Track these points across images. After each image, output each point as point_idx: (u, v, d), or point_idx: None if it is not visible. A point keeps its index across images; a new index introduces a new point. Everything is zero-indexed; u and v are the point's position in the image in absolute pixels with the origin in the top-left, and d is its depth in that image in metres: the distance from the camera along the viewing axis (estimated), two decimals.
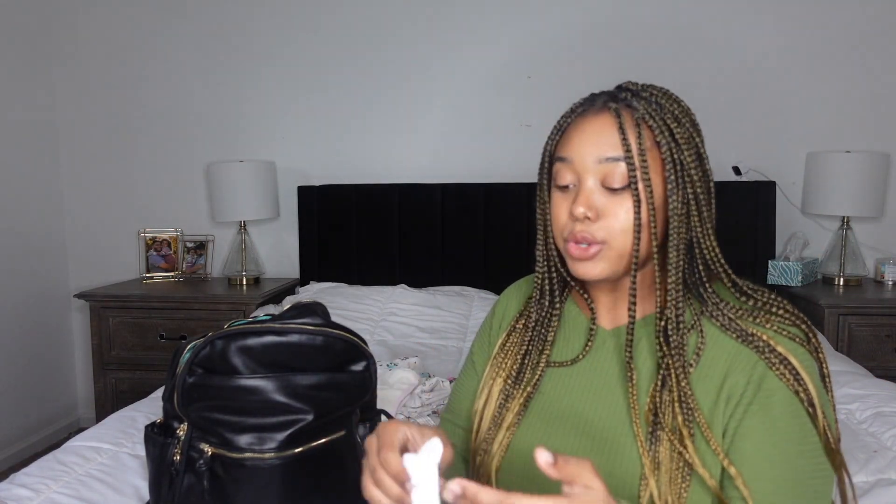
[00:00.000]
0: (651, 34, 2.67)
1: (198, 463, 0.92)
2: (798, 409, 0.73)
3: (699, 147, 0.79)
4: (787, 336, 0.76)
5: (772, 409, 0.73)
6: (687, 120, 0.79)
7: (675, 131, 0.77)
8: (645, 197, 0.75)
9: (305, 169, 2.88)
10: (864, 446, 1.34)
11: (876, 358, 2.27)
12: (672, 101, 0.79)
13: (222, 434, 0.93)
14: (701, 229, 0.78)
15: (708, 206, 0.78)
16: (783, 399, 0.73)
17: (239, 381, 0.93)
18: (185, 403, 0.94)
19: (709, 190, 0.79)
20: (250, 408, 0.93)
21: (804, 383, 0.73)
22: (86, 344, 2.95)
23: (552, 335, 0.87)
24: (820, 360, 0.78)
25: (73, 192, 3.00)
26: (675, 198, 0.76)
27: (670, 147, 0.76)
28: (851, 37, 2.61)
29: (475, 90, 2.77)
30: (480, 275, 2.65)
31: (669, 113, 0.77)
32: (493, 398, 0.87)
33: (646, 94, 0.78)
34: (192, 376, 0.94)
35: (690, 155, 0.77)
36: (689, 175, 0.77)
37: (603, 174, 0.77)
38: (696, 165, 0.77)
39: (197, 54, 2.89)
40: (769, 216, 2.57)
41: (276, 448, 0.92)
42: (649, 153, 0.76)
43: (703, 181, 0.78)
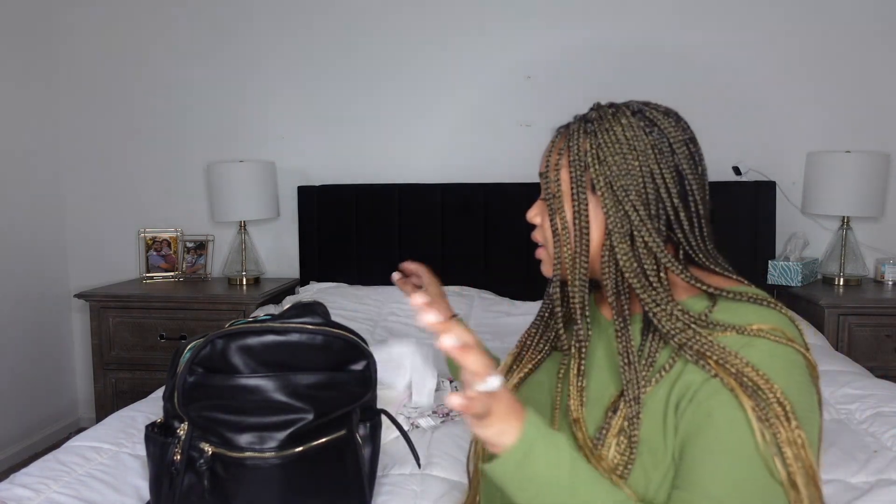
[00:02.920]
0: (651, 36, 2.67)
1: (198, 462, 0.92)
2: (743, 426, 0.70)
3: (629, 171, 0.80)
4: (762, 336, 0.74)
5: (728, 408, 0.72)
6: (617, 142, 0.81)
7: (591, 152, 0.82)
8: (556, 208, 0.84)
9: (305, 169, 2.88)
10: (864, 446, 1.34)
11: (876, 358, 2.27)
12: (616, 122, 0.82)
13: (222, 433, 0.93)
14: (626, 246, 0.80)
15: (639, 221, 0.80)
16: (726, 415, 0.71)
17: (239, 380, 0.93)
18: (186, 403, 0.95)
19: (636, 205, 0.80)
20: (250, 407, 0.93)
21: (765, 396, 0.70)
22: (86, 344, 2.95)
23: (554, 324, 0.93)
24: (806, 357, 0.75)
25: (73, 192, 3.01)
26: (580, 216, 0.82)
27: (576, 165, 0.82)
28: (851, 37, 2.61)
29: (475, 90, 2.77)
30: (480, 275, 2.65)
31: (601, 133, 0.82)
32: (507, 364, 0.97)
33: (595, 114, 0.84)
34: (193, 375, 0.94)
35: (599, 173, 0.81)
36: (601, 192, 0.81)
37: (543, 186, 0.87)
38: (606, 184, 0.80)
39: (197, 54, 2.89)
40: (769, 216, 2.57)
41: (276, 447, 0.92)
42: (563, 171, 0.84)
43: (627, 195, 0.80)
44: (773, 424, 0.69)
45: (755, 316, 0.76)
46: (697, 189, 0.83)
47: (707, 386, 0.73)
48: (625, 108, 0.84)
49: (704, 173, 0.85)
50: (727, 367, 0.72)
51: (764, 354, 0.73)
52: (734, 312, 0.77)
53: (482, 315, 2.32)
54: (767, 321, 0.75)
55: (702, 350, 0.74)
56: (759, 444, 0.69)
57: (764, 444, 0.69)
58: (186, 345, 1.04)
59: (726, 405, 0.71)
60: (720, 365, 0.72)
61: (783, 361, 0.73)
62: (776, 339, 0.73)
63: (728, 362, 0.72)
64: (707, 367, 0.73)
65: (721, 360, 0.72)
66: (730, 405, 0.71)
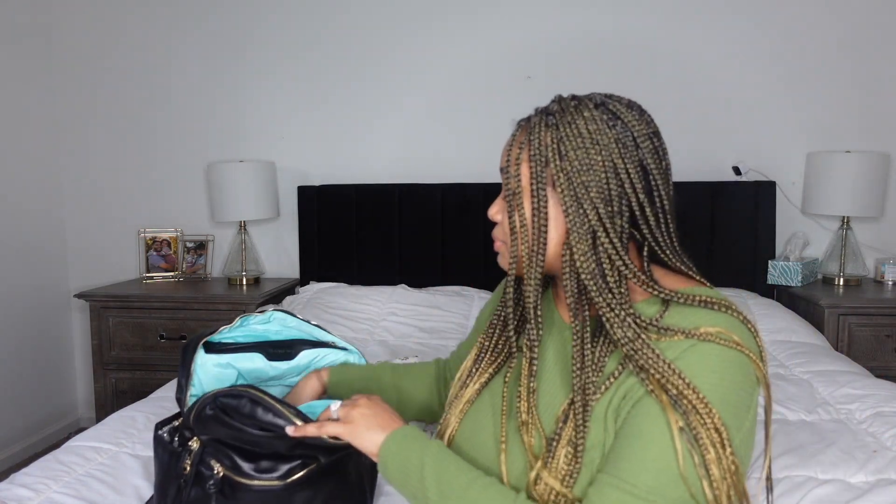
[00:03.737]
0: (651, 34, 2.67)
1: (209, 483, 0.93)
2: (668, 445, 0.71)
3: (589, 164, 0.78)
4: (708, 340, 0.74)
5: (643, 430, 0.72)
6: (579, 136, 0.78)
7: (551, 146, 0.79)
8: (516, 205, 0.82)
9: (305, 169, 2.88)
10: (864, 446, 1.34)
11: (876, 358, 2.27)
12: (579, 115, 0.80)
13: (234, 458, 0.94)
14: (585, 247, 0.78)
15: (600, 221, 0.78)
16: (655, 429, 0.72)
17: (254, 432, 0.93)
18: (200, 429, 0.95)
19: (599, 203, 0.78)
20: (265, 447, 0.94)
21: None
22: (86, 344, 2.95)
23: (515, 321, 0.93)
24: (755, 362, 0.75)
25: (73, 192, 3.01)
26: (538, 213, 0.79)
27: (536, 161, 0.80)
28: (851, 37, 2.61)
29: (475, 90, 2.77)
30: (480, 275, 2.65)
31: (562, 126, 0.79)
32: (466, 369, 0.97)
33: (556, 107, 0.82)
34: (213, 410, 0.94)
35: (559, 169, 0.78)
36: (560, 189, 0.78)
37: (504, 181, 0.85)
38: (565, 180, 0.78)
39: (197, 54, 2.89)
40: (769, 216, 2.57)
41: (282, 476, 0.93)
42: (523, 165, 0.82)
43: (587, 193, 0.78)
44: (705, 447, 0.68)
45: (704, 319, 0.75)
46: (662, 184, 0.81)
47: (647, 399, 0.73)
48: (587, 100, 0.82)
49: (669, 168, 0.83)
50: (668, 386, 0.71)
51: (701, 357, 0.72)
52: (684, 316, 0.76)
53: None
54: (715, 324, 0.74)
55: (646, 366, 0.72)
56: (681, 464, 0.69)
57: (686, 466, 0.69)
58: (197, 342, 1.05)
59: (658, 420, 0.71)
60: (660, 384, 0.71)
61: (719, 362, 0.72)
62: (721, 342, 0.73)
63: (669, 382, 0.71)
64: (647, 383, 0.72)
65: (662, 380, 0.71)
66: (661, 422, 0.71)
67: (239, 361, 1.12)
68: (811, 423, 1.49)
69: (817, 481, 1.21)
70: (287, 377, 1.19)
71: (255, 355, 1.14)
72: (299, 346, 1.19)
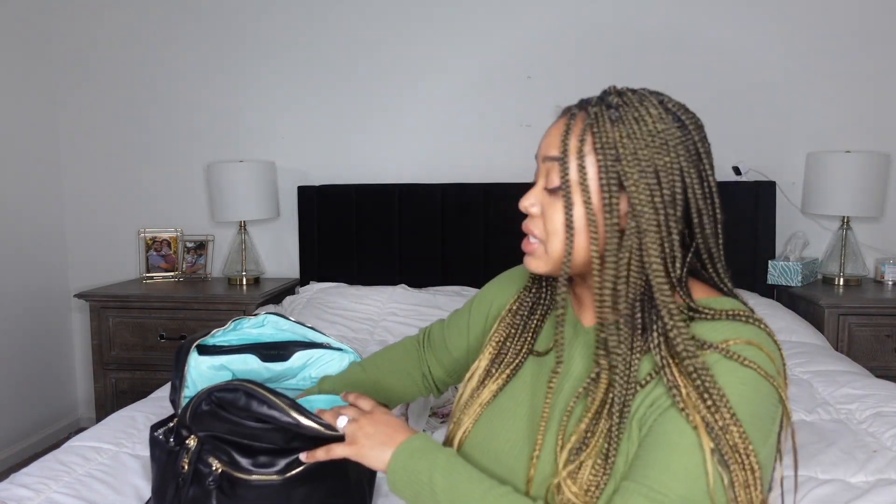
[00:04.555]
0: (651, 34, 2.67)
1: (207, 480, 0.93)
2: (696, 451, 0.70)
3: (652, 159, 0.75)
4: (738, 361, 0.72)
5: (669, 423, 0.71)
6: (644, 129, 0.75)
7: (622, 139, 0.74)
8: (582, 199, 0.76)
9: (305, 169, 2.88)
10: (864, 446, 1.34)
11: (876, 358, 2.27)
12: (635, 107, 0.76)
13: (231, 454, 0.93)
14: (654, 250, 0.74)
15: (665, 221, 0.75)
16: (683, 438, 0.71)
17: (251, 424, 0.93)
18: (196, 425, 0.95)
19: (667, 203, 0.75)
20: (262, 440, 0.94)
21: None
22: (86, 344, 2.95)
23: (534, 323, 0.91)
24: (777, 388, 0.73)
25: (73, 192, 3.01)
26: (615, 205, 0.75)
27: (606, 154, 0.75)
28: (852, 37, 2.61)
29: (475, 90, 2.77)
30: (480, 275, 2.65)
31: (628, 118, 0.75)
32: (478, 373, 0.94)
33: (617, 100, 0.77)
34: (209, 405, 0.94)
35: (632, 165, 0.74)
36: (633, 186, 0.74)
37: (546, 173, 0.80)
38: (639, 178, 0.74)
39: (197, 54, 2.89)
40: (769, 216, 2.57)
41: (281, 470, 0.93)
42: (588, 157, 0.76)
43: (660, 192, 0.74)
44: (734, 471, 0.67)
45: (733, 332, 0.74)
46: (716, 191, 0.78)
47: (674, 408, 0.71)
48: (649, 96, 0.78)
49: (715, 175, 0.81)
50: (715, 417, 0.69)
51: (731, 370, 0.71)
52: (713, 327, 0.74)
53: None
54: (744, 336, 0.73)
55: (703, 389, 0.69)
56: (711, 485, 0.67)
57: (716, 486, 0.67)
58: (190, 344, 1.04)
59: (686, 432, 0.70)
60: (711, 413, 0.69)
61: (748, 377, 0.71)
62: (747, 362, 0.71)
63: (720, 413, 0.69)
64: (679, 400, 0.70)
65: (714, 409, 0.69)
66: (690, 434, 0.70)
67: (233, 363, 1.12)
68: (811, 423, 1.49)
69: (817, 481, 1.21)
70: (282, 379, 1.19)
71: (249, 357, 1.14)
72: (293, 348, 1.19)
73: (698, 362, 0.71)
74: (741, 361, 0.71)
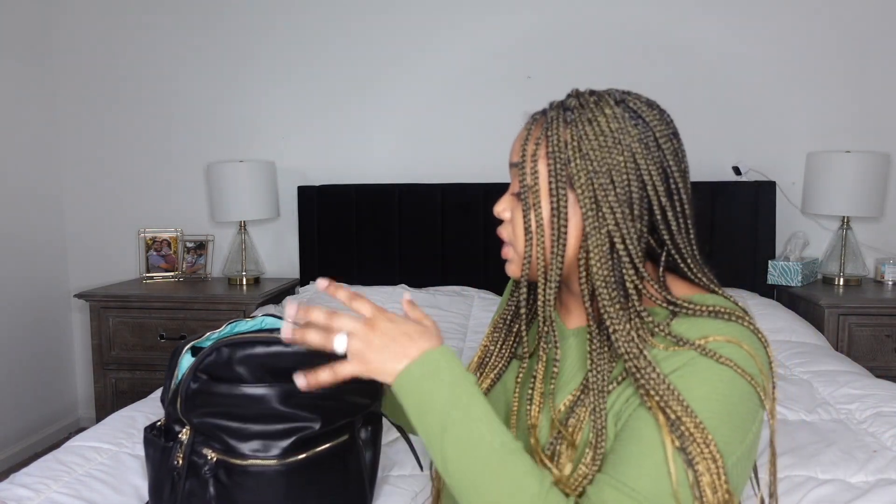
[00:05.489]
0: (651, 34, 2.67)
1: (203, 470, 0.92)
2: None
3: (612, 164, 0.75)
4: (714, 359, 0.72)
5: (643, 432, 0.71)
6: (601, 133, 0.75)
7: (572, 143, 0.75)
8: (532, 203, 0.77)
9: (305, 169, 2.88)
10: (864, 446, 1.34)
11: (876, 358, 2.28)
12: (600, 112, 0.76)
13: (226, 440, 0.92)
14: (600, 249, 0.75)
15: (614, 221, 0.75)
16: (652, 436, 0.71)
17: (244, 389, 0.93)
18: (189, 409, 0.94)
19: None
20: (255, 415, 0.93)
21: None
22: (86, 344, 2.95)
23: (517, 327, 0.91)
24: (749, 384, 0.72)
25: (73, 192, 3.01)
26: (559, 214, 0.76)
27: (555, 157, 0.76)
28: (851, 37, 2.61)
29: (475, 90, 2.77)
30: (480, 275, 2.66)
31: (581, 119, 0.76)
32: None
33: (574, 102, 0.78)
34: (196, 382, 0.93)
35: (579, 167, 0.75)
36: (580, 187, 0.75)
37: (514, 178, 0.82)
38: (586, 180, 0.75)
39: (197, 55, 2.89)
40: (769, 216, 2.57)
41: (280, 454, 0.92)
42: (541, 161, 0.77)
43: (604, 193, 0.75)
44: (699, 472, 0.67)
45: (713, 328, 0.73)
46: (683, 187, 0.78)
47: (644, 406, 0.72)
48: (607, 96, 0.78)
49: (688, 170, 0.80)
50: (666, 410, 0.69)
51: (703, 370, 0.71)
52: (693, 324, 0.74)
53: (482, 315, 2.32)
54: (724, 333, 0.72)
55: (647, 387, 0.70)
56: (674, 483, 0.67)
57: (679, 485, 0.67)
58: (183, 346, 1.04)
59: (657, 429, 0.70)
60: (660, 407, 0.69)
61: (722, 377, 0.71)
62: (723, 360, 0.71)
63: (668, 405, 0.69)
64: (646, 400, 0.71)
65: (661, 402, 0.69)
66: (659, 432, 0.70)
67: None
68: (811, 423, 1.49)
69: (817, 481, 1.21)
70: None
71: None
72: None
73: (641, 363, 0.71)
74: (717, 359, 0.70)
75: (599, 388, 0.74)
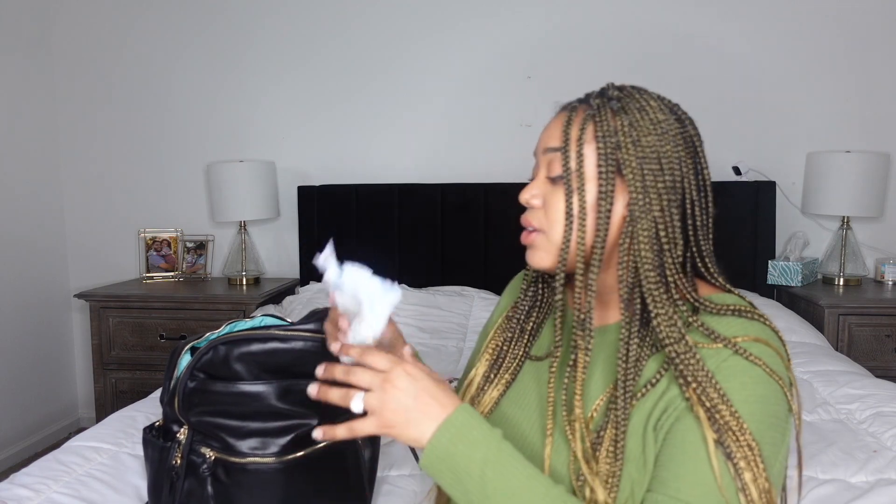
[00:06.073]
0: (651, 34, 2.67)
1: (201, 468, 0.92)
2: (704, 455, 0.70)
3: (656, 147, 0.75)
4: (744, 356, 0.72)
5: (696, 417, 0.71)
6: (646, 119, 0.76)
7: (623, 130, 0.75)
8: (576, 186, 0.75)
9: (305, 169, 2.88)
10: (864, 446, 1.34)
11: (876, 358, 2.28)
12: (637, 99, 0.77)
13: (224, 439, 0.92)
14: (646, 236, 0.75)
15: (660, 211, 0.75)
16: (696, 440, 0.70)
17: (241, 386, 0.92)
18: (186, 408, 0.94)
19: (661, 193, 0.75)
20: (252, 413, 0.93)
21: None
22: (86, 344, 2.95)
23: (530, 326, 0.89)
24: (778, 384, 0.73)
25: (73, 192, 3.01)
26: (606, 198, 0.75)
27: (607, 142, 0.75)
28: (851, 37, 2.61)
29: (475, 90, 2.77)
30: (480, 275, 2.65)
31: (629, 109, 0.76)
32: (475, 382, 0.90)
33: (615, 93, 0.79)
34: (194, 381, 0.93)
35: (632, 154, 0.75)
36: (630, 174, 0.75)
37: (547, 164, 0.80)
38: (637, 166, 0.75)
39: (197, 55, 2.89)
40: (769, 216, 2.57)
41: (278, 452, 0.92)
42: (587, 146, 0.76)
43: (653, 181, 0.75)
44: (738, 466, 0.67)
45: (740, 328, 0.73)
46: (709, 184, 0.79)
47: (689, 413, 0.71)
48: (646, 91, 0.80)
49: (709, 170, 0.82)
50: (703, 399, 0.69)
51: (743, 368, 0.71)
52: (718, 322, 0.74)
53: (482, 315, 2.32)
54: (751, 333, 0.73)
55: (686, 372, 0.70)
56: (718, 478, 0.67)
57: (723, 480, 0.67)
58: (183, 347, 1.04)
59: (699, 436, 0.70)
60: (698, 396, 0.70)
61: (759, 376, 0.71)
62: (753, 358, 0.71)
63: (705, 393, 0.69)
64: (685, 390, 0.70)
65: (700, 391, 0.69)
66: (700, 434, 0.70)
67: None
68: (811, 423, 1.49)
69: (817, 481, 1.21)
70: None
71: None
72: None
73: (680, 347, 0.71)
74: (749, 358, 0.71)
75: (628, 389, 0.73)
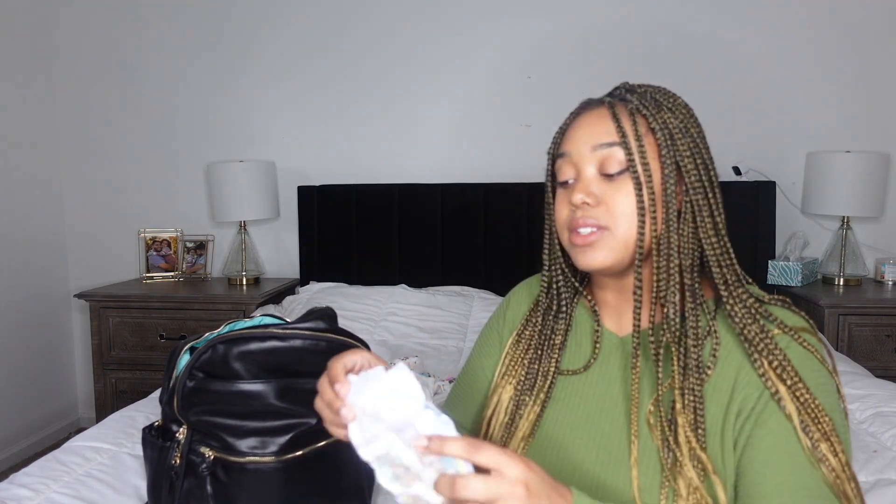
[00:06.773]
0: (651, 34, 2.67)
1: (200, 468, 0.92)
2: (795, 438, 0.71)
3: (696, 139, 0.78)
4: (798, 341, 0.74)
5: (782, 416, 0.71)
6: (683, 113, 0.79)
7: (670, 121, 0.77)
8: (644, 179, 0.76)
9: (305, 169, 2.88)
10: (864, 446, 1.34)
11: (876, 358, 2.27)
12: (667, 96, 0.80)
13: (223, 438, 0.92)
14: (710, 223, 0.77)
15: (713, 198, 0.78)
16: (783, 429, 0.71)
17: (240, 385, 0.92)
18: (185, 407, 0.94)
19: (711, 182, 0.78)
20: (251, 412, 0.93)
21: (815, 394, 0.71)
22: (86, 344, 2.95)
23: (559, 339, 0.85)
24: (829, 370, 0.75)
25: (73, 192, 3.01)
26: (673, 184, 0.76)
27: (664, 133, 0.77)
28: (852, 37, 2.61)
29: (475, 90, 2.77)
30: (480, 275, 2.65)
31: (665, 105, 0.79)
32: (504, 406, 0.85)
33: (641, 90, 0.80)
34: (193, 380, 0.93)
35: (685, 145, 0.77)
36: (686, 164, 0.77)
37: (599, 161, 0.77)
38: (690, 155, 0.77)
39: (197, 55, 2.89)
40: (769, 216, 2.57)
41: (277, 451, 0.92)
42: (645, 138, 0.77)
43: (704, 172, 0.78)
44: (817, 440, 0.68)
45: (787, 318, 0.76)
46: (718, 182, 0.81)
47: (764, 405, 0.71)
48: (663, 88, 0.82)
49: None
50: (783, 377, 0.71)
51: (805, 353, 0.73)
52: (769, 311, 0.77)
53: (482, 315, 2.32)
54: (797, 322, 0.76)
55: (759, 346, 0.72)
56: (807, 454, 0.69)
57: (810, 453, 0.69)
58: (182, 347, 1.04)
59: (783, 422, 0.70)
60: (778, 374, 0.71)
61: (819, 361, 0.73)
62: (805, 343, 0.73)
63: (785, 372, 0.71)
64: (762, 369, 0.71)
65: (776, 363, 0.71)
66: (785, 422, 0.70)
67: None
68: None
69: None
70: None
71: None
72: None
73: (755, 329, 0.73)
74: (805, 346, 0.73)
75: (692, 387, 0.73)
